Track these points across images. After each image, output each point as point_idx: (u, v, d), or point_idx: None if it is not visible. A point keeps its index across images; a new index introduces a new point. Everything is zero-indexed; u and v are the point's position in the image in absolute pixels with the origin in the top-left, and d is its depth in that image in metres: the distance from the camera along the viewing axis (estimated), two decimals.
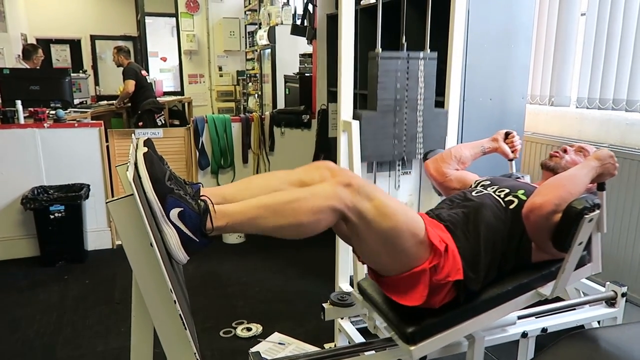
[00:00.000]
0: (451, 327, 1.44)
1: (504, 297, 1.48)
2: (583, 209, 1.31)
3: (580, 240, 1.36)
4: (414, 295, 1.36)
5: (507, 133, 1.97)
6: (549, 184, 1.44)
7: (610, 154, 1.50)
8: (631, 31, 2.52)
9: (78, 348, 2.44)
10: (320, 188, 1.27)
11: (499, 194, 1.55)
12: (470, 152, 1.93)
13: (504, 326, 1.75)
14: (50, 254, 3.44)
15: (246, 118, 4.11)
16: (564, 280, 1.47)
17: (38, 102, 3.92)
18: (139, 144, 1.23)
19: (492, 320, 1.53)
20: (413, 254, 1.33)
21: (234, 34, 8.13)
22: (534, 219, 1.38)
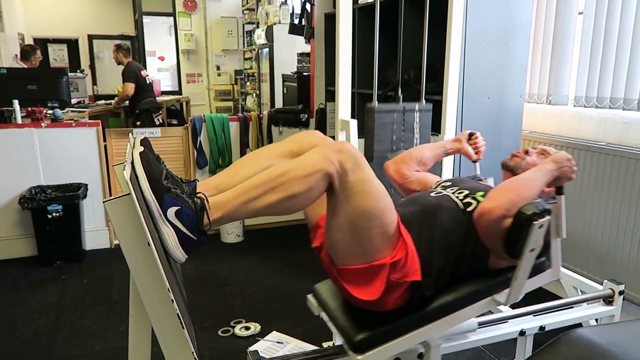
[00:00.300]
0: (402, 334, 1.39)
1: (458, 303, 1.43)
2: (532, 215, 1.26)
3: (531, 246, 1.31)
4: (369, 289, 1.31)
5: (470, 134, 1.90)
6: (501, 187, 1.39)
7: (568, 157, 1.46)
8: (628, 29, 2.52)
9: (76, 347, 2.43)
10: (308, 155, 1.24)
11: (457, 195, 1.50)
12: (432, 153, 1.86)
13: (464, 332, 1.71)
14: (48, 254, 3.44)
15: (244, 117, 4.10)
16: (518, 288, 1.42)
17: (35, 101, 3.90)
18: (136, 143, 1.22)
19: (447, 327, 1.47)
20: (378, 244, 1.29)
21: (231, 33, 8.12)
22: (484, 223, 1.33)
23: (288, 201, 1.20)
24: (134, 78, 5.49)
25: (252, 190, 1.21)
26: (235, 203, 1.20)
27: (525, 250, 1.31)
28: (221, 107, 8.39)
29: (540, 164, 1.49)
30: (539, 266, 1.52)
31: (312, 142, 1.42)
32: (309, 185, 1.19)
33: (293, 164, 1.23)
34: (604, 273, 2.58)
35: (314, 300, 1.67)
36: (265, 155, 1.43)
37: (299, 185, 1.19)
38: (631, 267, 2.50)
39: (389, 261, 1.29)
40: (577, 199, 2.77)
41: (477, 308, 1.47)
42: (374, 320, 1.39)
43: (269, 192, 1.20)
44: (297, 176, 1.19)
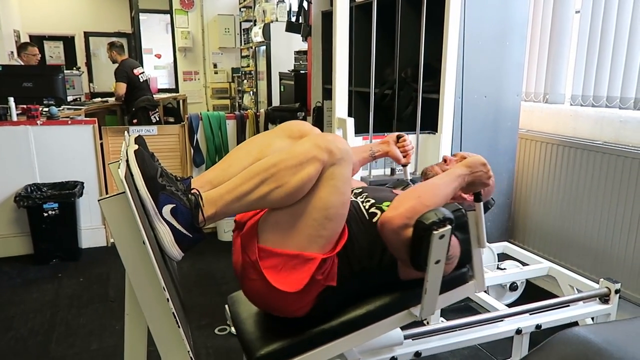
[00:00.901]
0: (310, 349, 1.30)
1: (371, 316, 1.36)
2: (431, 224, 1.17)
3: (435, 258, 1.22)
4: (290, 278, 1.22)
5: (398, 136, 1.81)
6: (404, 195, 1.31)
7: (482, 162, 1.37)
8: (625, 28, 2.52)
9: (72, 346, 2.43)
10: (300, 144, 1.23)
11: (364, 204, 1.42)
12: (358, 157, 1.73)
13: (390, 346, 1.65)
14: (44, 252, 3.42)
15: (241, 115, 4.10)
16: (431, 301, 1.32)
17: (31, 99, 3.88)
18: (130, 141, 1.22)
19: (360, 341, 1.39)
20: (318, 243, 1.24)
21: (228, 31, 8.10)
22: (386, 233, 1.25)
23: (280, 191, 1.19)
24: (124, 78, 5.43)
25: (244, 183, 1.20)
26: (227, 198, 1.20)
27: (430, 262, 1.22)
28: (218, 105, 8.37)
29: (449, 170, 1.41)
30: (461, 277, 1.46)
31: (303, 130, 1.41)
32: (301, 174, 1.18)
33: (284, 154, 1.21)
34: (600, 272, 2.59)
35: (228, 311, 1.59)
36: (257, 144, 1.41)
37: (290, 175, 1.18)
38: (627, 265, 2.51)
39: (320, 257, 1.23)
40: (574, 198, 2.78)
41: (393, 321, 1.40)
42: (283, 332, 1.32)
43: (261, 184, 1.19)
44: (288, 166, 1.18)
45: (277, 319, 1.35)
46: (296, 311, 1.30)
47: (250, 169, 1.22)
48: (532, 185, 3.05)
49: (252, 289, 1.33)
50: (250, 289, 1.35)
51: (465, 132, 2.67)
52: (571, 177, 2.78)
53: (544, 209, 2.98)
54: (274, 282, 1.23)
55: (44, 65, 7.02)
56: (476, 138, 2.72)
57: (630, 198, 2.47)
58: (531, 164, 3.04)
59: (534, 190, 3.04)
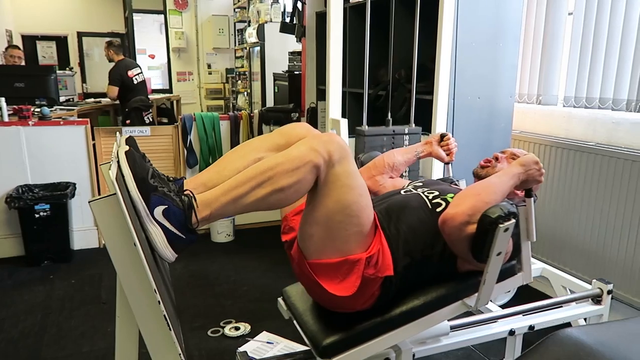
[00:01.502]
0: (371, 339, 1.37)
1: (428, 307, 1.42)
2: (497, 218, 1.23)
3: (498, 250, 1.29)
4: (344, 284, 1.29)
5: (442, 135, 1.88)
6: (464, 193, 1.37)
7: (535, 160, 1.43)
8: (617, 30, 2.54)
9: (63, 349, 2.41)
10: (296, 147, 1.23)
11: (427, 195, 1.49)
12: (404, 158, 1.83)
13: (437, 336, 1.70)
14: (36, 254, 3.39)
15: (235, 116, 4.08)
16: (487, 292, 1.40)
17: (23, 99, 3.86)
18: (121, 142, 1.21)
19: (416, 331, 1.46)
20: (353, 241, 1.28)
21: (223, 31, 8.08)
22: (447, 230, 1.32)
23: (277, 195, 1.19)
24: (118, 81, 5.38)
25: (239, 186, 1.19)
26: (223, 200, 1.19)
27: (492, 254, 1.29)
28: (212, 105, 8.35)
29: (506, 168, 1.48)
30: (510, 269, 1.52)
31: (300, 134, 1.41)
32: (297, 177, 1.18)
33: (280, 158, 1.21)
34: (593, 272, 2.60)
35: (283, 304, 1.64)
36: (253, 149, 1.41)
37: (286, 179, 1.18)
38: (619, 266, 2.52)
39: (364, 256, 1.28)
40: (567, 199, 2.79)
41: (447, 312, 1.46)
42: (343, 324, 1.37)
43: (257, 187, 1.18)
44: (285, 169, 1.18)
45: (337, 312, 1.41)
46: (363, 305, 1.35)
47: (246, 172, 1.22)
48: None
49: (317, 297, 1.41)
50: (315, 297, 1.44)
51: (458, 133, 2.68)
52: (564, 179, 2.79)
53: (537, 210, 2.98)
54: (332, 291, 1.29)
55: (36, 66, 6.99)
56: (469, 139, 2.72)
57: (623, 199, 2.48)
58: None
59: None
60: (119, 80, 5.39)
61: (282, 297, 1.66)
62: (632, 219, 2.45)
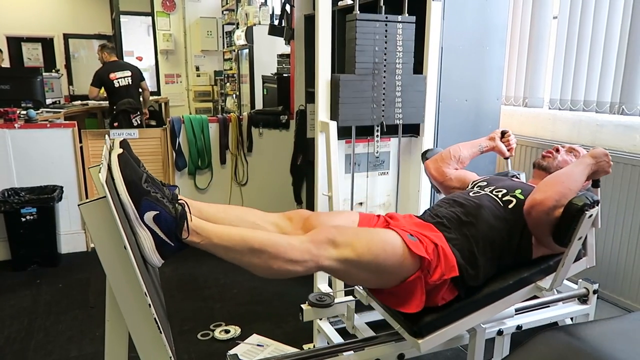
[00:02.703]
0: (455, 320, 1.49)
1: (504, 291, 1.53)
2: (584, 206, 1.37)
3: (580, 235, 1.41)
4: (412, 302, 1.39)
5: (503, 132, 2.02)
6: (548, 181, 1.48)
7: (605, 152, 1.54)
8: (601, 34, 2.58)
9: (50, 354, 2.38)
10: (302, 243, 1.28)
11: (496, 193, 1.60)
12: (469, 152, 1.97)
13: (502, 319, 1.81)
14: (22, 258, 3.36)
15: (224, 119, 4.07)
16: (564, 274, 1.53)
17: (8, 102, 3.81)
18: (115, 145, 1.21)
19: (493, 313, 1.58)
20: (401, 269, 1.36)
21: (211, 33, 8.05)
22: (535, 214, 1.43)
23: (265, 271, 1.26)
24: (98, 82, 5.35)
25: (240, 242, 1.24)
26: (218, 241, 1.23)
27: (574, 238, 1.41)
28: (201, 108, 8.30)
29: (580, 159, 1.60)
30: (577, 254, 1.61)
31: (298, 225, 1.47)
32: (288, 269, 1.25)
33: (284, 242, 1.26)
34: (579, 273, 2.63)
35: (363, 292, 1.73)
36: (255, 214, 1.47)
37: (280, 263, 1.24)
38: (604, 266, 2.56)
39: (420, 274, 1.36)
40: None
41: (522, 294, 1.58)
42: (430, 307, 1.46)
43: (251, 253, 1.23)
44: (282, 256, 1.23)
45: None
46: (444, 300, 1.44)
47: (252, 234, 1.27)
48: None
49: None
50: None
51: (446, 135, 2.70)
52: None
53: None
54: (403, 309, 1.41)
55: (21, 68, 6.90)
56: (457, 141, 2.72)
57: (607, 200, 2.52)
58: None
59: None
60: (98, 82, 5.35)
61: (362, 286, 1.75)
62: (617, 219, 2.49)
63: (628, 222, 2.45)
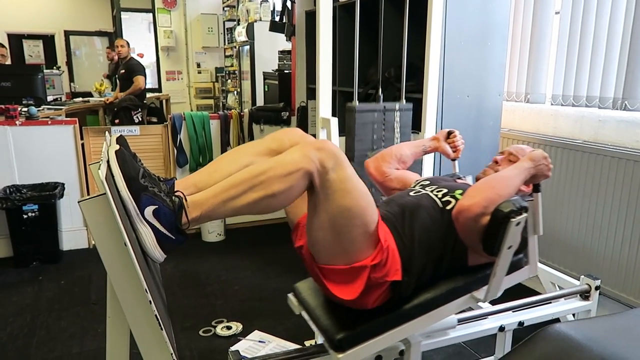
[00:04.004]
0: (382, 332, 1.39)
1: (438, 301, 1.44)
2: (510, 212, 1.27)
3: (509, 244, 1.32)
4: (349, 288, 1.31)
5: (449, 132, 1.91)
6: (478, 186, 1.41)
7: (544, 155, 1.47)
8: (603, 29, 2.57)
9: (53, 350, 2.39)
10: (289, 153, 1.23)
11: (436, 193, 1.51)
12: (411, 151, 1.87)
13: (444, 329, 1.72)
14: (24, 255, 3.36)
15: (225, 115, 4.07)
16: (497, 285, 1.43)
17: (9, 99, 3.81)
18: (112, 141, 1.20)
19: (426, 325, 1.49)
20: (359, 244, 1.29)
21: (212, 30, 8.04)
22: (462, 221, 1.35)
23: (267, 200, 1.19)
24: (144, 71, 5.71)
25: (231, 189, 1.19)
26: (213, 202, 1.19)
27: (503, 247, 1.31)
28: (202, 105, 8.31)
29: (517, 163, 1.51)
30: (517, 263, 1.54)
31: (293, 139, 1.42)
32: (289, 184, 1.19)
33: (273, 162, 1.22)
34: (581, 269, 2.63)
35: (294, 299, 1.66)
36: (246, 153, 1.41)
37: (278, 184, 1.18)
38: (607, 262, 2.55)
39: (369, 263, 1.29)
40: (554, 196, 2.82)
41: (457, 305, 1.48)
42: (355, 318, 1.39)
43: (248, 190, 1.19)
44: (277, 175, 1.18)
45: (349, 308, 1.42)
46: (373, 304, 1.36)
47: (238, 175, 1.22)
48: None
49: (325, 292, 1.43)
50: (323, 291, 1.46)
51: None
52: (552, 176, 2.81)
53: None
54: (337, 293, 1.33)
55: (23, 65, 6.91)
56: None
57: (610, 196, 2.52)
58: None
59: None
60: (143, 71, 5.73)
61: (293, 293, 1.68)
62: (619, 215, 2.49)
63: (630, 218, 2.44)
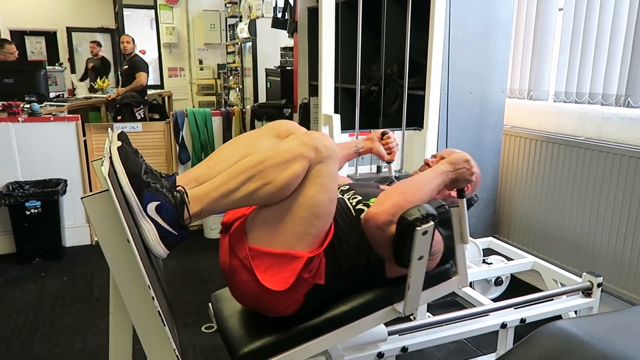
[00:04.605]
0: (296, 346, 1.30)
1: (355, 313, 1.35)
2: (414, 221, 1.15)
3: (419, 254, 1.21)
4: (278, 278, 1.23)
5: (383, 133, 1.79)
6: (388, 192, 1.31)
7: (466, 158, 1.37)
8: (607, 26, 2.56)
9: (56, 346, 2.40)
10: (286, 142, 1.22)
11: (351, 201, 1.41)
12: (342, 153, 1.70)
13: (374, 342, 1.65)
14: (27, 251, 3.37)
15: (227, 112, 4.07)
16: (414, 297, 1.32)
17: (12, 95, 3.81)
18: (113, 137, 1.20)
19: (345, 338, 1.39)
20: (305, 240, 1.24)
21: (214, 26, 8.03)
22: (369, 230, 1.25)
23: (267, 188, 1.18)
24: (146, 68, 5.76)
25: (230, 180, 1.19)
26: (214, 195, 1.19)
27: (413, 258, 1.21)
28: (204, 101, 8.30)
29: (434, 167, 1.41)
30: (444, 273, 1.46)
31: (289, 129, 1.41)
32: (287, 171, 1.18)
33: (270, 152, 1.21)
34: (583, 266, 2.63)
35: (211, 309, 1.57)
36: (244, 143, 1.41)
37: (276, 172, 1.18)
38: (609, 259, 2.55)
39: (306, 256, 1.23)
40: (557, 193, 2.81)
41: (377, 317, 1.39)
42: (267, 330, 1.31)
43: (247, 181, 1.18)
44: (275, 163, 1.18)
45: (261, 317, 1.34)
46: (284, 310, 1.29)
47: (237, 166, 1.22)
48: (517, 181, 3.08)
49: (241, 289, 1.33)
50: (238, 289, 1.35)
51: (450, 128, 2.69)
52: (554, 173, 2.82)
53: (528, 205, 3.02)
54: (263, 281, 1.23)
55: (25, 61, 6.90)
56: (461, 134, 2.74)
57: (612, 193, 2.51)
58: (516, 160, 3.07)
59: (519, 185, 3.07)
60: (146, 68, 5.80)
61: (211, 303, 1.58)
62: (622, 212, 2.48)
63: (633, 215, 2.44)
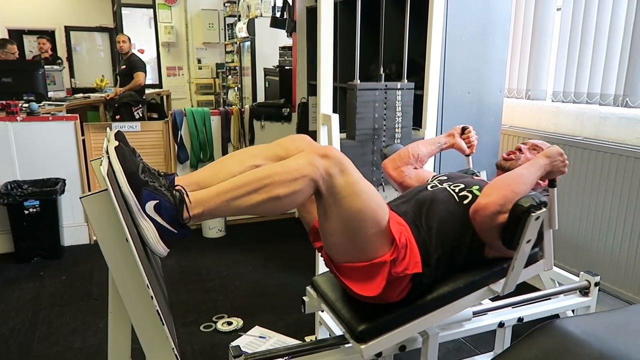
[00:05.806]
0: (403, 324, 1.43)
1: (456, 294, 1.47)
2: (529, 207, 1.30)
3: (528, 238, 1.35)
4: (370, 285, 1.33)
5: (463, 128, 1.94)
6: (494, 184, 1.43)
7: (560, 152, 1.49)
8: (605, 26, 2.56)
9: (54, 345, 2.40)
10: (294, 159, 1.24)
11: (453, 188, 1.54)
12: (427, 149, 1.90)
13: (460, 321, 1.75)
14: (25, 250, 3.37)
15: (226, 111, 4.07)
16: (514, 278, 1.47)
17: (10, 94, 3.81)
18: (110, 137, 1.20)
19: (444, 317, 1.52)
20: (374, 242, 1.31)
21: (213, 26, 8.02)
22: (479, 219, 1.38)
23: (271, 203, 1.21)
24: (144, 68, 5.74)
25: (235, 189, 1.20)
26: (217, 200, 1.20)
27: (522, 241, 1.35)
28: (202, 100, 8.30)
29: (533, 159, 1.52)
30: (532, 257, 1.57)
31: (299, 147, 1.43)
32: (293, 189, 1.20)
33: (278, 167, 1.23)
34: (581, 265, 2.64)
35: (313, 293, 1.68)
36: (251, 155, 1.42)
37: (282, 189, 1.20)
38: (606, 259, 2.56)
39: (389, 258, 1.31)
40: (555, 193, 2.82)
41: (474, 297, 1.52)
42: (376, 310, 1.42)
43: (252, 192, 1.20)
44: (282, 180, 1.20)
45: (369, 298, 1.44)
46: (395, 299, 1.39)
47: (244, 176, 1.23)
48: None
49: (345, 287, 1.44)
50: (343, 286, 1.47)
51: (448, 127, 2.69)
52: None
53: None
54: (358, 291, 1.35)
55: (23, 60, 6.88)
56: None
57: (610, 193, 2.52)
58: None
59: None
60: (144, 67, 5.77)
61: (310, 286, 1.71)
62: (619, 212, 2.49)
63: (630, 214, 2.44)
